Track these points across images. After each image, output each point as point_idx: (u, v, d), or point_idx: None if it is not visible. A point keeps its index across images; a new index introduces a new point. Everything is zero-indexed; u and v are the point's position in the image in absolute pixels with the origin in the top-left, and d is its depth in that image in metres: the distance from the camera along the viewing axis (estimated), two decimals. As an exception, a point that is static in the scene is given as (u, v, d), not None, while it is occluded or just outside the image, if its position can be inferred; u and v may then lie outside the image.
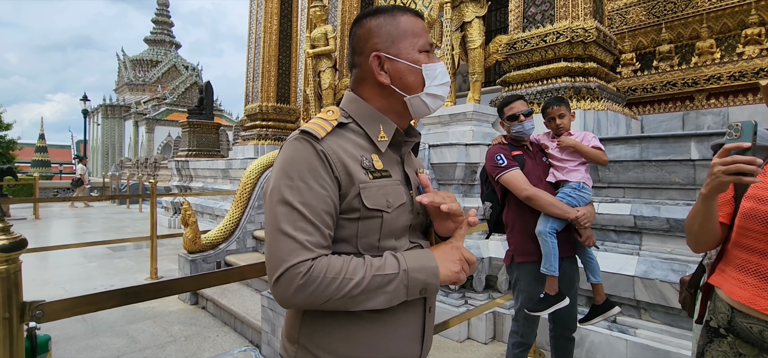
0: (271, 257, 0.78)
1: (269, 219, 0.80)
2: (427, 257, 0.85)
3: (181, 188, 9.72)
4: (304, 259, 0.76)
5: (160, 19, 33.98)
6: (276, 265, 0.76)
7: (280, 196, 0.79)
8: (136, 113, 28.96)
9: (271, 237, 0.79)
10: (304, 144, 0.82)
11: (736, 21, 4.83)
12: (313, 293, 0.75)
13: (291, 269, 0.75)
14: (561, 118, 2.27)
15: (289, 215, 0.78)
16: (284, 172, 0.80)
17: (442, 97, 0.94)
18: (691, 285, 1.82)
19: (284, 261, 0.76)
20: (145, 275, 5.25)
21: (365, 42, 0.91)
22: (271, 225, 0.79)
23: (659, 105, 5.22)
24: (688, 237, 1.24)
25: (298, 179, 0.79)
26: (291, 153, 0.82)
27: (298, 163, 0.80)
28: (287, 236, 0.77)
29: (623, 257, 3.06)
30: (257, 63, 8.78)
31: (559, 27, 4.08)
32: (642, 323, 2.91)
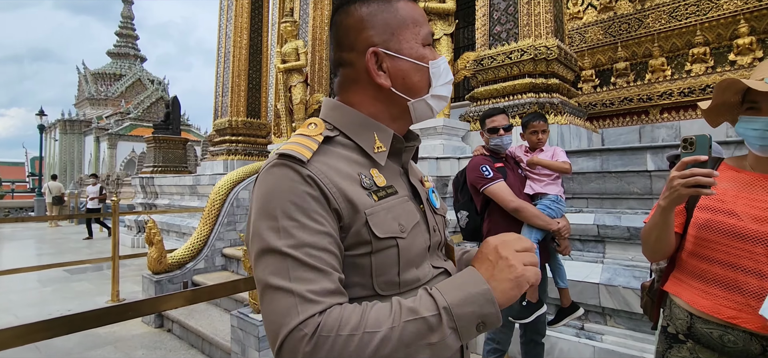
0: (267, 323, 0.60)
1: (257, 276, 0.62)
2: (471, 278, 0.63)
3: (145, 206, 9.35)
4: (308, 316, 0.56)
5: (124, 32, 32.95)
6: (274, 332, 0.58)
7: (263, 243, 0.61)
8: (97, 128, 27.76)
9: (263, 299, 0.61)
10: (285, 171, 0.64)
11: (683, 41, 5.18)
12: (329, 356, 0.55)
13: (293, 334, 0.56)
14: (543, 134, 2.40)
15: (280, 264, 0.59)
16: (264, 212, 0.63)
17: (447, 98, 0.78)
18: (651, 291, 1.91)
19: (282, 325, 0.57)
20: (105, 298, 4.99)
21: (357, 34, 0.73)
22: (260, 282, 0.61)
23: (617, 119, 5.51)
24: (645, 247, 1.25)
25: (284, 216, 0.61)
26: (269, 185, 0.64)
27: (280, 195, 0.62)
28: (281, 291, 0.58)
29: (588, 265, 3.17)
30: (227, 77, 8.65)
31: (523, 45, 4.25)
32: (607, 328, 3.01)
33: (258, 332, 2.78)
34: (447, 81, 0.77)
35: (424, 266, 0.72)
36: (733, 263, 1.08)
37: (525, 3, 4.30)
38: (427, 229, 0.75)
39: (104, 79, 31.21)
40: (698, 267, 1.16)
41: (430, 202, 0.81)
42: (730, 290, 1.08)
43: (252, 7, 8.68)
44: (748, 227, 1.07)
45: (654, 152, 2.96)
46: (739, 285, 1.07)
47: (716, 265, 1.11)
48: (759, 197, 1.09)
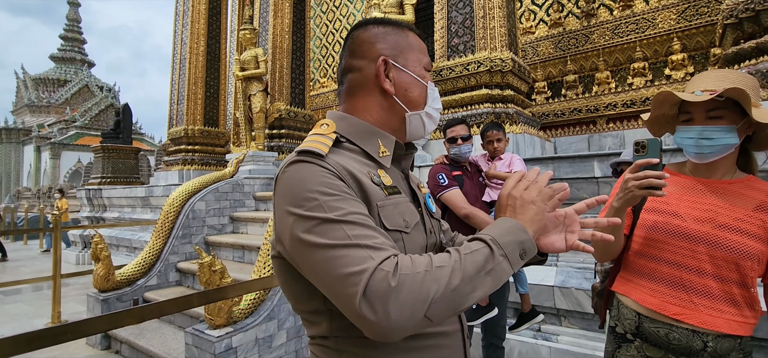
0: (340, 281, 0.58)
1: (308, 253, 0.62)
2: (501, 221, 0.71)
3: (92, 219, 8.76)
4: (384, 258, 0.59)
5: (70, 35, 30.99)
6: (353, 281, 0.57)
7: (308, 223, 0.62)
8: (38, 137, 25.80)
9: (326, 265, 0.60)
10: (309, 165, 0.68)
11: (625, 56, 5.57)
12: (414, 297, 0.57)
13: (375, 274, 0.57)
14: (498, 142, 2.49)
15: (335, 231, 0.61)
16: (298, 199, 0.64)
17: (436, 121, 0.87)
18: (600, 293, 2.01)
19: (362, 270, 0.57)
20: (45, 320, 4.61)
21: (371, 46, 0.81)
22: (318, 252, 0.61)
23: (568, 128, 5.81)
24: (596, 248, 1.27)
25: (320, 196, 0.64)
26: (296, 176, 0.67)
27: (311, 182, 0.65)
28: (348, 247, 0.60)
29: (544, 269, 3.30)
30: (182, 85, 8.33)
31: (480, 57, 4.40)
32: (562, 329, 3.14)
33: (214, 348, 2.67)
34: (437, 107, 0.86)
35: None
36: (678, 261, 1.14)
37: (481, 17, 4.47)
38: (424, 230, 0.81)
39: (47, 85, 29.14)
40: (647, 266, 1.20)
41: (427, 206, 0.88)
42: (675, 287, 1.14)
43: (209, 13, 8.45)
44: (691, 227, 1.13)
45: (600, 160, 3.14)
46: (683, 283, 1.12)
47: (663, 264, 1.16)
48: (699, 199, 1.16)
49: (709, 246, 1.11)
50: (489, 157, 2.56)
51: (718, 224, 1.12)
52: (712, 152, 1.11)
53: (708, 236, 1.11)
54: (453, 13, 4.69)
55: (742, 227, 1.10)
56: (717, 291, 1.10)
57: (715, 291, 1.10)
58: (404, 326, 0.57)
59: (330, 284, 0.61)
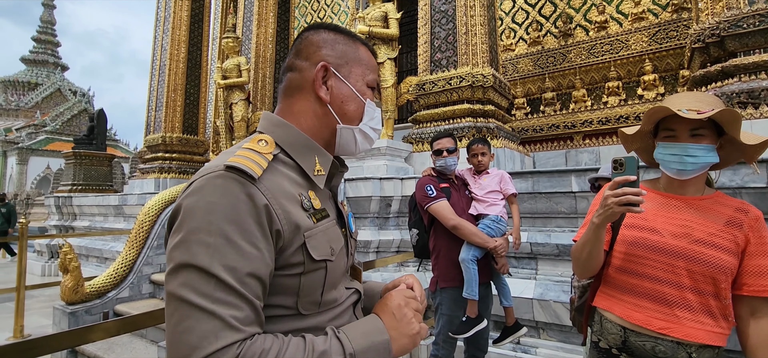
0: (176, 340, 0.56)
1: (173, 288, 0.58)
2: (375, 328, 0.70)
3: (61, 228, 8.41)
4: (228, 343, 0.56)
5: (43, 37, 30.03)
6: (184, 353, 0.55)
7: (189, 257, 0.58)
8: (4, 141, 24.73)
9: (176, 315, 0.57)
10: (233, 186, 0.62)
11: (600, 75, 5.77)
12: None
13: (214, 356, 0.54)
14: (483, 156, 2.53)
15: (204, 284, 0.57)
16: (200, 224, 0.60)
17: (372, 140, 0.85)
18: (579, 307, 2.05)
19: (197, 348, 0.54)
20: (6, 334, 4.37)
21: (316, 49, 0.79)
22: (176, 297, 0.57)
23: (546, 144, 5.95)
24: (576, 264, 1.29)
25: (220, 234, 0.59)
26: (212, 197, 0.61)
27: (222, 211, 0.60)
28: (202, 311, 0.56)
29: (523, 282, 3.35)
30: (161, 91, 8.16)
31: (462, 72, 4.49)
32: (541, 341, 3.17)
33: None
34: (376, 127, 0.84)
35: (340, 287, 0.77)
36: (658, 276, 1.17)
37: (463, 33, 4.56)
38: (347, 253, 0.80)
39: (16, 88, 28.06)
40: (628, 282, 1.22)
41: (350, 227, 0.85)
42: (658, 302, 1.16)
43: (191, 20, 8.35)
44: (669, 243, 1.16)
45: (578, 175, 3.23)
46: (665, 297, 1.15)
47: (645, 279, 1.18)
48: (674, 215, 1.20)
49: (687, 260, 1.14)
50: (474, 171, 2.60)
51: (693, 238, 1.15)
52: (693, 169, 1.15)
53: (685, 251, 1.15)
54: (436, 28, 4.78)
55: (716, 242, 1.14)
56: (696, 304, 1.13)
57: (694, 304, 1.13)
58: None
59: (168, 329, 0.58)
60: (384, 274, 3.76)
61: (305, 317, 0.70)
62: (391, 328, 0.71)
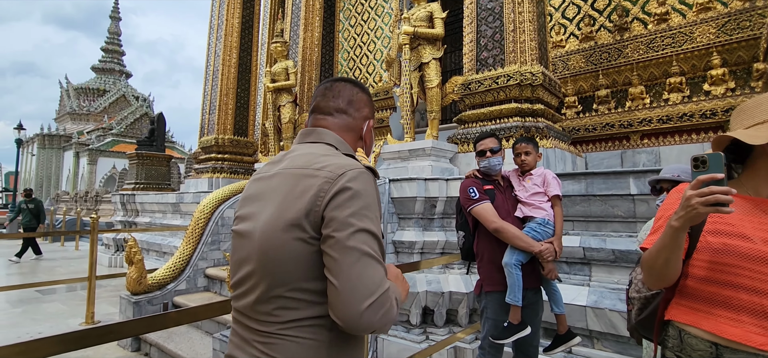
0: (364, 281, 0.83)
1: (355, 243, 0.84)
2: (393, 284, 0.99)
3: (125, 224, 9.09)
4: (389, 285, 0.87)
5: (110, 47, 32.67)
6: (372, 289, 0.83)
7: (365, 224, 0.87)
8: (77, 144, 27.13)
9: (360, 262, 0.84)
10: (374, 181, 0.96)
11: (661, 71, 5.39)
12: (391, 317, 0.85)
13: (385, 294, 0.84)
14: (526, 156, 2.42)
15: (375, 244, 0.87)
16: (366, 203, 0.89)
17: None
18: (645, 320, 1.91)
19: (380, 286, 0.84)
20: (79, 320, 4.78)
21: (364, 106, 1.15)
22: (359, 250, 0.84)
23: (600, 144, 5.65)
24: (649, 273, 1.18)
25: (375, 211, 0.91)
26: (371, 188, 0.92)
27: (374, 196, 0.92)
28: (378, 262, 0.86)
29: (575, 288, 3.20)
30: (214, 95, 8.61)
31: (509, 70, 4.36)
32: (595, 352, 3.02)
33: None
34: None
35: None
36: (757, 288, 1.05)
37: (511, 31, 4.43)
38: None
39: (87, 95, 30.71)
40: (720, 294, 1.11)
41: None
42: (757, 316, 1.05)
43: (242, 27, 8.73)
44: (763, 250, 1.05)
45: (637, 177, 3.04)
46: (765, 310, 1.04)
47: (742, 291, 1.07)
48: (764, 220, 1.08)
49: None
50: (519, 172, 2.51)
51: None
52: None
53: None
54: (483, 27, 4.68)
55: None
56: None
57: None
58: (376, 329, 0.85)
59: (352, 271, 0.83)
60: (428, 275, 3.73)
61: None
62: (397, 285, 1.00)
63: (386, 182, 3.98)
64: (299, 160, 0.97)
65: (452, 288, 3.64)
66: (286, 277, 0.88)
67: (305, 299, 0.88)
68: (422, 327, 3.71)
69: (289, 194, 0.91)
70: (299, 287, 0.88)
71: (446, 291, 3.62)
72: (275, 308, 0.89)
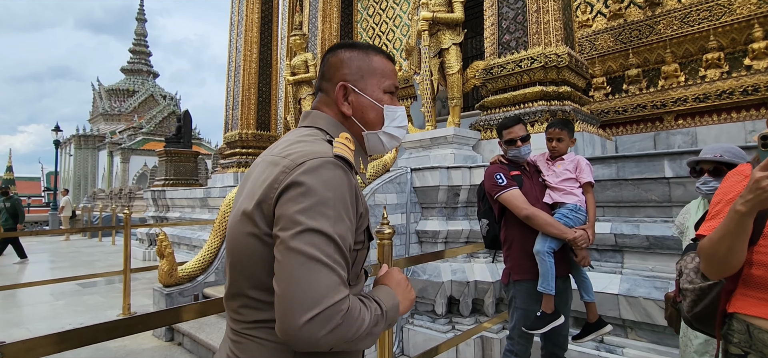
0: (306, 289, 0.68)
1: (300, 245, 0.70)
2: (389, 293, 0.87)
3: (157, 219, 9.42)
4: (344, 296, 0.71)
5: (137, 48, 33.67)
6: (314, 300, 0.68)
7: (317, 223, 0.72)
8: (110, 143, 28.22)
9: (304, 268, 0.69)
10: (341, 172, 0.78)
11: (696, 46, 5.10)
12: (342, 334, 0.70)
13: (333, 307, 0.69)
14: (559, 141, 2.34)
15: (327, 245, 0.71)
16: (322, 199, 0.74)
17: (399, 138, 0.98)
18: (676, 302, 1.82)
19: (325, 297, 0.68)
20: (117, 311, 5.00)
21: (335, 71, 0.93)
22: (304, 253, 0.70)
23: (631, 126, 5.42)
24: (710, 262, 1.09)
25: (335, 209, 0.74)
26: (330, 179, 0.76)
27: (337, 191, 0.76)
28: (327, 268, 0.70)
29: (606, 276, 3.09)
30: (237, 91, 8.75)
31: (533, 53, 4.22)
32: (629, 341, 2.91)
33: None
34: (401, 124, 0.97)
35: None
36: None
37: (534, 11, 4.28)
38: None
39: (118, 95, 31.82)
40: None
41: None
42: None
43: (262, 22, 8.80)
44: None
45: (672, 159, 2.89)
46: None
47: None
48: None
49: None
50: (548, 157, 2.42)
51: None
52: None
53: None
54: (504, 8, 4.54)
55: None
56: None
57: None
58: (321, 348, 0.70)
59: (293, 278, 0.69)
60: (453, 264, 3.69)
61: (350, 287, 0.82)
62: (398, 294, 0.89)
63: (408, 172, 3.94)
64: (278, 147, 0.87)
65: (478, 277, 3.59)
66: (245, 273, 0.80)
67: (268, 300, 0.77)
68: (448, 317, 3.68)
69: (254, 183, 0.82)
70: (261, 286, 0.78)
71: (471, 280, 3.57)
72: (240, 306, 0.82)
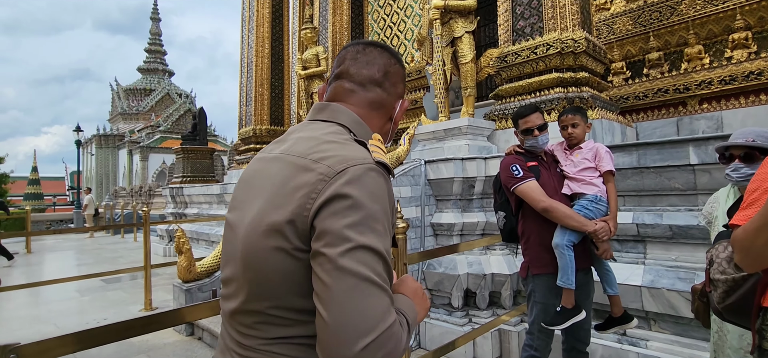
0: (361, 314, 0.62)
1: (351, 265, 0.64)
2: (407, 302, 0.82)
3: (176, 215, 9.60)
4: (395, 319, 0.66)
5: (152, 48, 34.22)
6: (371, 325, 0.62)
7: (368, 239, 0.66)
8: (129, 142, 28.87)
9: (357, 290, 0.63)
10: (384, 182, 0.73)
11: (721, 27, 4.89)
12: (392, 356, 0.65)
13: (387, 332, 0.63)
14: (574, 128, 2.25)
15: (378, 263, 0.66)
16: (370, 212, 0.68)
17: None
18: (704, 294, 1.74)
19: (381, 321, 0.63)
20: (139, 306, 5.11)
21: (399, 82, 0.95)
22: (357, 274, 0.64)
23: (652, 112, 5.25)
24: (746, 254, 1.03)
25: (382, 222, 0.69)
26: (375, 189, 0.70)
27: (382, 202, 0.70)
28: (381, 289, 0.65)
29: (628, 267, 3.01)
30: (250, 87, 8.80)
31: (549, 38, 4.10)
32: (652, 334, 2.84)
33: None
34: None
35: None
36: None
37: (550, -4, 4.15)
38: None
39: (135, 95, 32.45)
40: None
41: None
42: None
43: (273, 16, 8.81)
44: None
45: (697, 145, 2.77)
46: None
47: None
48: None
49: None
50: (566, 146, 2.34)
51: None
52: None
53: None
54: (518, -6, 4.42)
55: None
56: None
57: None
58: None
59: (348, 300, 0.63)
60: (469, 257, 3.65)
61: None
62: (416, 303, 0.83)
63: (421, 164, 3.90)
64: (301, 145, 0.78)
65: (495, 270, 3.54)
66: (268, 292, 0.72)
67: (293, 317, 0.72)
68: (464, 310, 3.65)
69: (280, 189, 0.73)
70: (286, 305, 0.72)
71: (488, 273, 3.52)
72: (256, 322, 0.75)
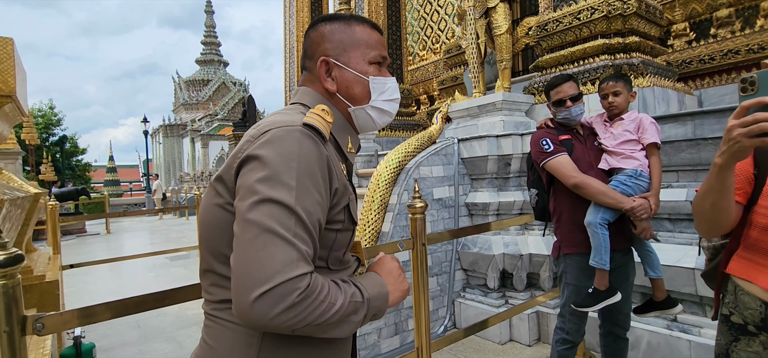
0: (255, 263, 0.63)
1: (256, 217, 0.66)
2: (379, 282, 0.81)
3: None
4: (304, 272, 0.65)
5: (208, 40, 36.01)
6: (267, 275, 0.62)
7: (276, 193, 0.67)
8: (191, 130, 30.91)
9: (258, 240, 0.64)
10: (310, 142, 0.72)
11: (810, -28, 4.23)
12: (300, 315, 0.64)
13: (287, 283, 0.63)
14: (615, 96, 2.06)
15: (287, 218, 0.66)
16: (283, 168, 0.69)
17: (390, 113, 0.92)
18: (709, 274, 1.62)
19: (279, 272, 0.63)
20: (195, 280, 5.53)
21: (317, 46, 0.87)
22: (260, 225, 0.65)
23: (720, 76, 4.69)
24: (699, 219, 1.08)
25: (298, 179, 0.69)
26: (295, 148, 0.71)
27: (302, 161, 0.70)
28: (284, 241, 0.65)
29: (681, 248, 2.76)
30: (293, 72, 9.02)
31: (594, 2, 3.77)
32: (706, 320, 2.60)
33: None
34: (391, 98, 0.90)
35: (348, 253, 0.88)
36: None
37: (596, -46, 3.81)
38: None
39: (194, 86, 34.51)
40: None
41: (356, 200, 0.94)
42: None
43: (312, 2, 8.90)
44: None
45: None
46: None
47: None
48: None
49: None
50: (606, 117, 2.16)
51: None
52: None
53: None
54: (560, -45, 4.10)
55: None
56: None
57: None
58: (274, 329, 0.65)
59: (246, 251, 0.65)
60: (505, 237, 3.53)
61: (331, 271, 0.80)
62: (389, 283, 0.82)
63: (455, 143, 3.80)
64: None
65: (532, 250, 3.41)
66: (212, 246, 0.76)
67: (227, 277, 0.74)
68: (501, 291, 3.56)
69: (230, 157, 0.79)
70: (226, 261, 0.74)
71: (525, 253, 3.40)
72: (210, 284, 0.78)
